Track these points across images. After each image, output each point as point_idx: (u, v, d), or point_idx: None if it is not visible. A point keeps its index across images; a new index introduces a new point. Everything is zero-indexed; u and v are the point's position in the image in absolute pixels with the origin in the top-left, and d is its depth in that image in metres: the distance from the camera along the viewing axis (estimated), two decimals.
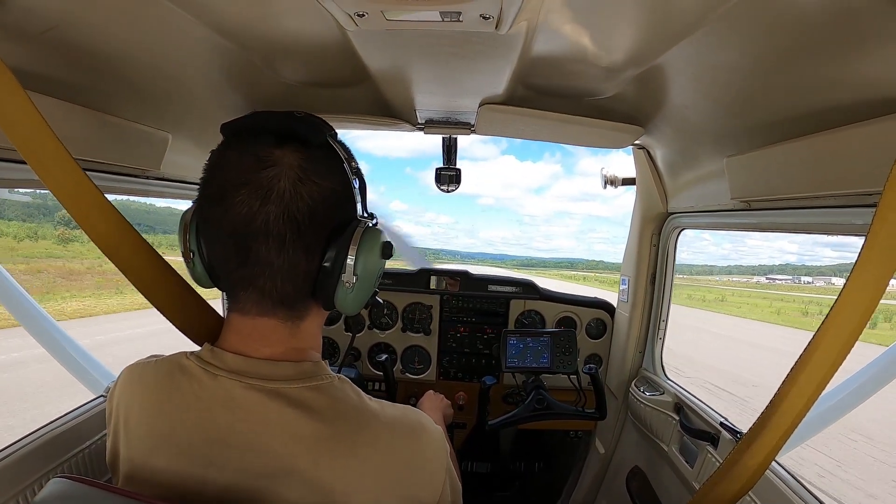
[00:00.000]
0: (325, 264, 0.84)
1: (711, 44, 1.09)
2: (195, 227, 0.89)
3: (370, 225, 0.89)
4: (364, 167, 0.95)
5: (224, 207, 0.79)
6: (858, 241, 0.89)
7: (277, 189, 0.78)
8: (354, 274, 0.85)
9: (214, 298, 1.42)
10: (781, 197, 1.41)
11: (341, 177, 0.87)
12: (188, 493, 0.78)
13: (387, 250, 0.92)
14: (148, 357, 0.91)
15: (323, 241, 0.83)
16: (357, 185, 0.91)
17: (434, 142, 2.36)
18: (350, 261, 0.84)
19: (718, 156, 1.65)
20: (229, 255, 0.81)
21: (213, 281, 0.92)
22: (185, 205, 0.97)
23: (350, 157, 0.91)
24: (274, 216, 0.77)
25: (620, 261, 2.70)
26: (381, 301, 1.09)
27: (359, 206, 0.91)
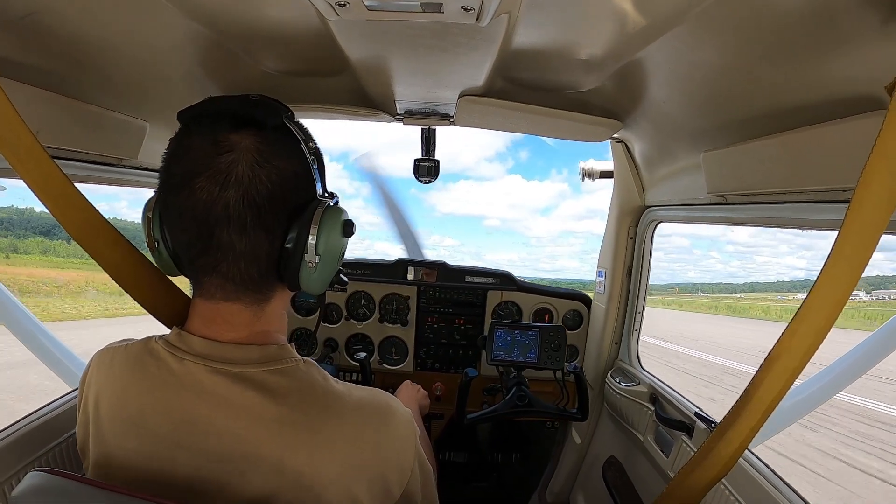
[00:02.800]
0: (287, 245, 0.84)
1: (689, 41, 1.10)
2: (158, 215, 0.89)
3: (331, 204, 0.89)
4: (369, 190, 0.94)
5: (185, 195, 0.79)
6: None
7: (236, 174, 0.78)
8: (317, 253, 0.85)
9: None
10: (757, 192, 1.43)
11: (299, 158, 0.87)
12: (158, 476, 0.79)
13: (348, 228, 0.93)
14: (120, 341, 0.91)
15: (284, 222, 0.84)
16: (316, 166, 0.91)
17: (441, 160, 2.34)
18: (312, 240, 0.84)
19: (695, 151, 1.67)
20: (192, 241, 0.81)
21: (178, 268, 0.92)
22: None
23: (308, 137, 0.91)
24: (234, 201, 0.78)
25: None
26: (345, 279, 1.09)
27: (318, 186, 0.91)
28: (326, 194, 0.94)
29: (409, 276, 2.94)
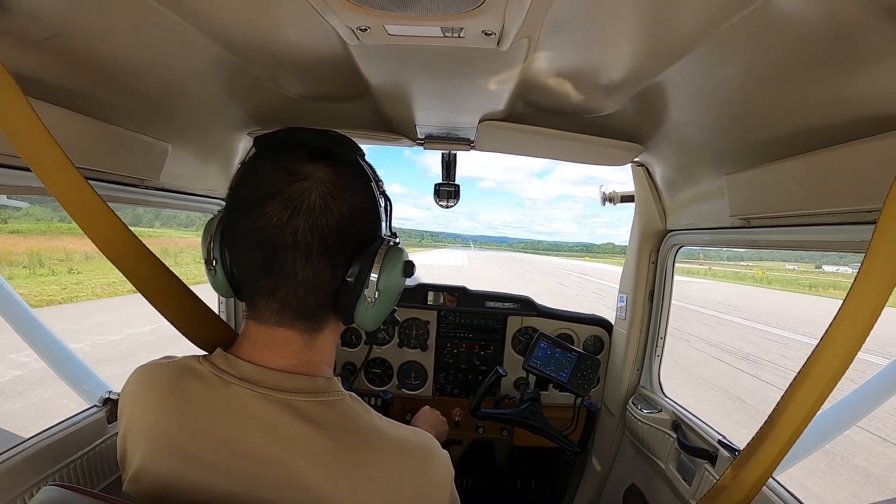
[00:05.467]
0: (349, 279, 0.85)
1: (710, 62, 1.10)
2: (220, 234, 0.91)
3: (393, 243, 0.91)
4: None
5: (253, 217, 0.80)
6: None
7: (308, 202, 0.80)
8: (377, 290, 0.86)
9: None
10: (781, 214, 1.41)
11: (369, 195, 0.89)
12: (191, 494, 0.78)
13: (408, 269, 0.94)
14: (161, 358, 0.92)
15: (348, 256, 0.85)
16: (383, 205, 0.93)
17: None
18: (373, 277, 0.86)
19: (717, 173, 1.66)
20: (255, 264, 0.83)
21: (233, 290, 0.93)
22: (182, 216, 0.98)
23: (377, 177, 0.94)
24: (303, 229, 0.79)
25: (626, 243, 2.69)
26: (398, 319, 1.09)
27: (384, 225, 0.94)
28: (390, 234, 0.96)
29: (430, 301, 2.92)
